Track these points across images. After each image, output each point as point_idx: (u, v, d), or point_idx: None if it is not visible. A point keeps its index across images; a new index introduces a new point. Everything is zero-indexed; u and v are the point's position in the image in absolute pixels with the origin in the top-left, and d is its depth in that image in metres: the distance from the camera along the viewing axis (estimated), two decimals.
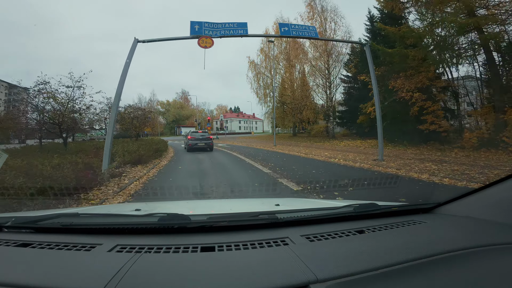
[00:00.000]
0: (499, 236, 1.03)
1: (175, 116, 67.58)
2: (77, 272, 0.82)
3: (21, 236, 1.08)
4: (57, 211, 1.46)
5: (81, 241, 1.00)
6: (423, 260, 0.86)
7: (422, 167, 7.60)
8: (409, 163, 8.57)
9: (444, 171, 6.86)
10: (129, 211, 1.61)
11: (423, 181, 5.90)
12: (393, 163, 8.57)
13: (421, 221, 1.24)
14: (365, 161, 9.32)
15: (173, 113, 67.32)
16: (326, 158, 10.97)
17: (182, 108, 70.13)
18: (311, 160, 10.52)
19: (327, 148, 16.39)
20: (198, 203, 2.83)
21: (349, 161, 9.53)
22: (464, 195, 1.33)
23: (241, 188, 5.51)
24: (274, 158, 11.22)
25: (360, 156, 10.97)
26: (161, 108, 69.38)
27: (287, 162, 9.96)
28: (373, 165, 8.35)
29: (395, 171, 7.23)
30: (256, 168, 8.40)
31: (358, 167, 8.43)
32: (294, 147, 18.41)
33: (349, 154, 12.04)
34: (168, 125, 68.15)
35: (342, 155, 11.60)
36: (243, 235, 1.06)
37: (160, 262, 0.86)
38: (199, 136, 15.78)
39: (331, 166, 8.78)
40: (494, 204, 1.19)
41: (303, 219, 1.21)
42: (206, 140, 15.51)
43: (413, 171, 7.04)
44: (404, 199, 3.90)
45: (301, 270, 0.78)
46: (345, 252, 0.94)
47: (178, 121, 67.27)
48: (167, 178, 6.88)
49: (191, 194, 4.65)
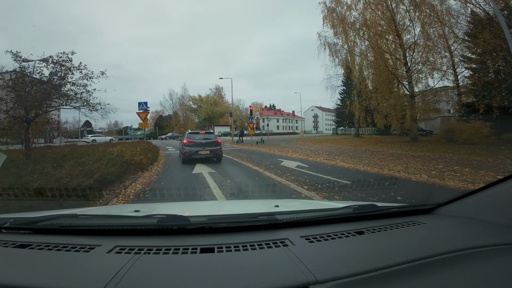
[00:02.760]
0: (499, 236, 1.03)
1: (208, 113, 60.53)
2: (76, 273, 0.82)
3: (20, 237, 1.07)
4: (56, 212, 1.45)
5: (80, 242, 0.99)
6: (423, 261, 0.86)
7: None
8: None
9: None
10: (128, 212, 1.59)
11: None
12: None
13: (420, 222, 1.24)
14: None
15: (205, 109, 60.35)
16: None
17: (216, 105, 62.87)
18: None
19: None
20: (198, 204, 2.78)
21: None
22: (464, 195, 1.34)
23: None
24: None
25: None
26: (193, 104, 63.08)
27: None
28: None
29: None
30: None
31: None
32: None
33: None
34: (200, 123, 61.51)
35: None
36: (243, 236, 1.05)
37: (159, 263, 0.85)
38: (201, 139, 10.31)
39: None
40: (494, 205, 1.19)
41: (302, 220, 1.21)
42: (212, 145, 10.16)
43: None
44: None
45: (301, 271, 0.78)
46: (345, 253, 0.95)
47: (211, 119, 60.25)
48: None
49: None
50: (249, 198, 4.89)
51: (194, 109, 62.55)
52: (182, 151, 10.24)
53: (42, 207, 3.34)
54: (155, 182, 6.34)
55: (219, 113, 61.61)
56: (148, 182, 6.43)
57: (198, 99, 62.88)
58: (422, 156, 10.53)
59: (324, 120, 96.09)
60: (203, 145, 9.98)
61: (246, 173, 7.82)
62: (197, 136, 10.56)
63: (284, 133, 57.39)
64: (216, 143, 10.29)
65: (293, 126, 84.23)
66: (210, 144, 10.09)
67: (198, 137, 10.43)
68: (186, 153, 9.85)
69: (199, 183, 6.05)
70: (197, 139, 10.19)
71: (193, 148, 9.85)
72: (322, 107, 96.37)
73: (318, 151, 14.19)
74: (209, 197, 4.79)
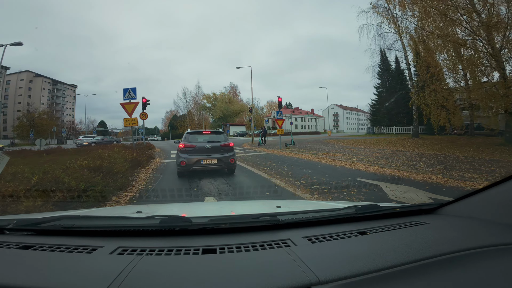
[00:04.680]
0: (502, 236, 1.01)
1: (223, 112, 56.76)
2: (79, 274, 0.82)
3: (23, 239, 1.06)
4: (58, 214, 1.45)
5: (83, 243, 0.99)
6: (426, 261, 0.85)
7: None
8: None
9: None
10: (131, 213, 1.58)
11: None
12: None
13: (423, 222, 1.22)
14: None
15: (220, 108, 56.61)
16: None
17: (231, 103, 59.01)
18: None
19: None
20: (200, 205, 2.72)
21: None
22: (467, 195, 1.31)
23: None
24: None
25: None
26: (207, 102, 59.39)
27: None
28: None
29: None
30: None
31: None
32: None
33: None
34: (215, 122, 57.90)
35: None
36: (245, 237, 1.05)
37: (161, 264, 0.85)
38: (205, 142, 6.87)
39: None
40: (497, 204, 1.17)
41: (304, 221, 1.19)
42: (221, 151, 6.78)
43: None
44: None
45: (303, 272, 0.77)
46: (347, 254, 0.94)
47: (226, 117, 56.44)
48: None
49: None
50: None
51: (209, 108, 59.36)
52: (177, 159, 6.84)
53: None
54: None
55: (234, 111, 57.75)
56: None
57: (212, 97, 59.35)
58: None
59: (345, 119, 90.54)
60: (207, 150, 6.73)
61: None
62: (199, 137, 7.11)
63: (305, 133, 52.45)
64: (227, 147, 6.94)
65: (312, 125, 79.52)
66: (218, 150, 6.79)
67: (201, 138, 7.05)
68: (182, 163, 6.52)
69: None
70: (199, 142, 6.88)
71: (192, 156, 6.58)
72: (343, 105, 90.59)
73: (393, 159, 9.23)
74: None
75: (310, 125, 77.73)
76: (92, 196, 4.01)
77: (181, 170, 6.63)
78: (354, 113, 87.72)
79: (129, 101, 9.71)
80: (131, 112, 9.62)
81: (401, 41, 19.28)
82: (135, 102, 9.82)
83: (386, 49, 20.15)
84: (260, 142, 20.08)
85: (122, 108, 9.58)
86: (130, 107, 9.64)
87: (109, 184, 4.77)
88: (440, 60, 15.42)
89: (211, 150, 6.71)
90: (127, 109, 9.60)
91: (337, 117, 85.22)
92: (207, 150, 6.69)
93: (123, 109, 9.53)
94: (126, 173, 6.17)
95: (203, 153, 6.65)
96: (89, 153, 7.77)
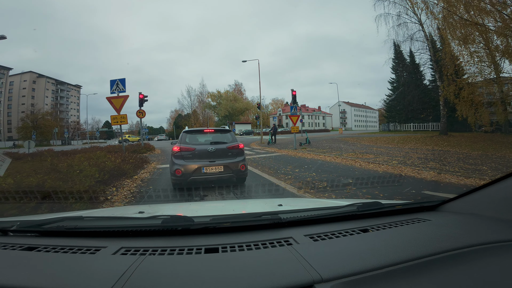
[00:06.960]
0: (505, 233, 1.00)
1: (228, 110, 55.25)
2: (82, 275, 0.81)
3: (26, 240, 1.06)
4: (61, 215, 1.42)
5: (86, 244, 0.99)
6: (429, 258, 0.84)
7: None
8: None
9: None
10: (133, 213, 1.57)
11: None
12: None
13: (425, 219, 1.22)
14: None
15: (225, 106, 55.15)
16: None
17: (236, 101, 57.56)
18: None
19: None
20: (201, 204, 2.71)
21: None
22: (469, 192, 1.30)
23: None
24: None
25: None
26: (212, 101, 57.99)
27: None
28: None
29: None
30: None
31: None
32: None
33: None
34: (220, 121, 56.48)
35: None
36: (247, 236, 1.05)
37: (164, 264, 0.85)
38: (207, 143, 5.23)
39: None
40: (500, 201, 1.16)
41: (306, 219, 1.19)
42: (228, 155, 5.13)
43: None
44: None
45: (306, 270, 0.77)
46: (350, 251, 0.93)
47: (231, 116, 54.95)
48: None
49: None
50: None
51: (213, 107, 57.95)
52: (171, 167, 5.13)
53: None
54: None
55: (239, 109, 56.29)
56: None
57: (217, 95, 58.03)
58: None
59: (353, 116, 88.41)
60: (210, 155, 5.08)
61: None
62: (199, 137, 5.46)
63: (314, 131, 50.39)
64: (235, 150, 5.27)
65: (320, 123, 77.72)
66: (224, 153, 5.15)
67: (202, 139, 5.42)
68: (177, 172, 4.89)
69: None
70: (200, 144, 5.28)
71: (191, 163, 4.96)
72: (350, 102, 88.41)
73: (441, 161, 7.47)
74: None
75: (318, 122, 75.94)
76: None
77: (176, 181, 4.94)
78: (362, 110, 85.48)
79: (117, 95, 8.14)
80: (120, 108, 7.99)
81: (423, 31, 17.40)
82: (124, 96, 8.15)
83: (405, 40, 18.28)
84: (270, 141, 18.40)
85: (109, 103, 8.00)
86: (118, 101, 8.01)
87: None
88: (472, 50, 13.66)
89: (215, 154, 5.07)
90: (115, 104, 7.97)
91: (345, 114, 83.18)
92: (210, 155, 5.04)
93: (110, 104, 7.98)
94: (85, 193, 3.87)
95: (205, 159, 5.01)
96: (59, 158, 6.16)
